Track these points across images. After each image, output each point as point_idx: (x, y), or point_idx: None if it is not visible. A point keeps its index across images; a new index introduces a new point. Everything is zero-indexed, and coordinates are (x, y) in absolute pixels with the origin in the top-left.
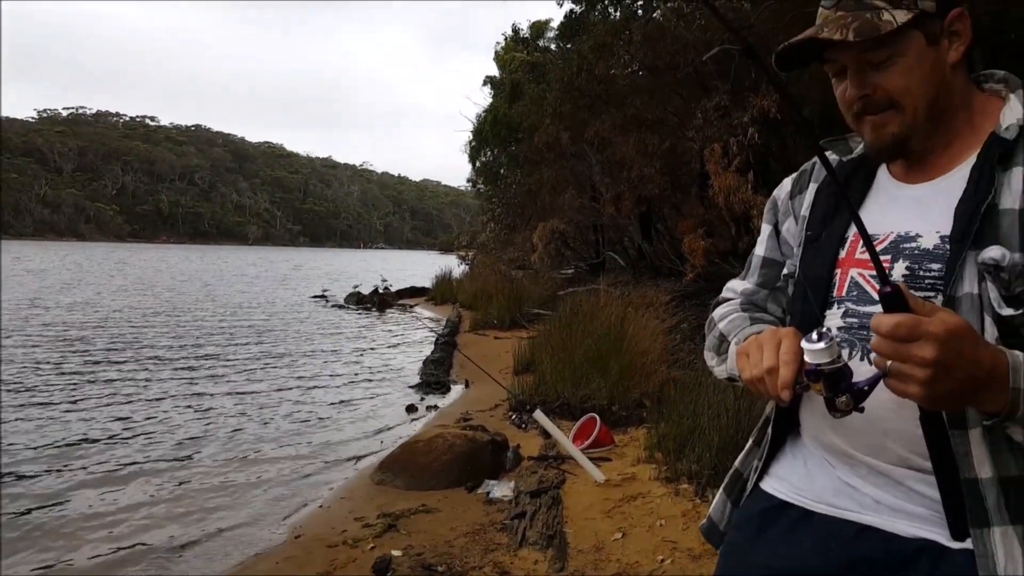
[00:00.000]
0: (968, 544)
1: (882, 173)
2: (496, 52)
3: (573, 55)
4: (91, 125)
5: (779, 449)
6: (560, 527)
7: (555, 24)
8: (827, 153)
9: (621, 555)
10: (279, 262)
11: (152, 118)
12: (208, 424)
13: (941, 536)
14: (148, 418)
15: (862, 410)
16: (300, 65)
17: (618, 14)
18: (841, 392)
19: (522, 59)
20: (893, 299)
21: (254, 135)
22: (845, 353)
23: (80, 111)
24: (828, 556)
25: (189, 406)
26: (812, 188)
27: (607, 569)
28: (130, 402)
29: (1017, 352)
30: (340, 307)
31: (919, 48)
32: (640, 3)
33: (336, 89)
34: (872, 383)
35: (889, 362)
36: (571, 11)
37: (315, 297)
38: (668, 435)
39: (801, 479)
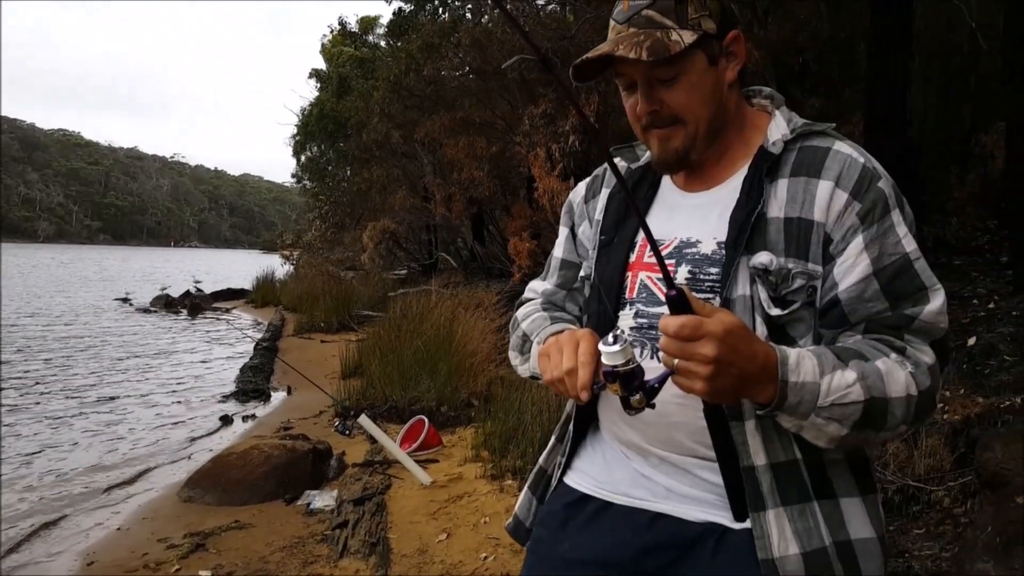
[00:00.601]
0: (749, 524)
1: (665, 180)
2: (323, 45)
3: (402, 54)
4: None
5: (580, 444)
6: (384, 533)
7: (385, 21)
8: (615, 160)
9: (445, 556)
10: (75, 262)
11: None
12: None
13: (725, 519)
14: None
15: (654, 406)
16: (105, 47)
17: (447, 16)
18: (635, 391)
19: (350, 54)
20: (678, 301)
21: (47, 121)
22: (637, 352)
23: None
24: (625, 544)
25: None
26: (605, 193)
27: (430, 571)
28: None
29: (784, 347)
30: (146, 312)
31: (701, 67)
32: (468, 6)
33: (145, 75)
34: (661, 380)
35: (676, 360)
36: (400, 9)
37: (117, 301)
38: (494, 433)
39: (600, 472)
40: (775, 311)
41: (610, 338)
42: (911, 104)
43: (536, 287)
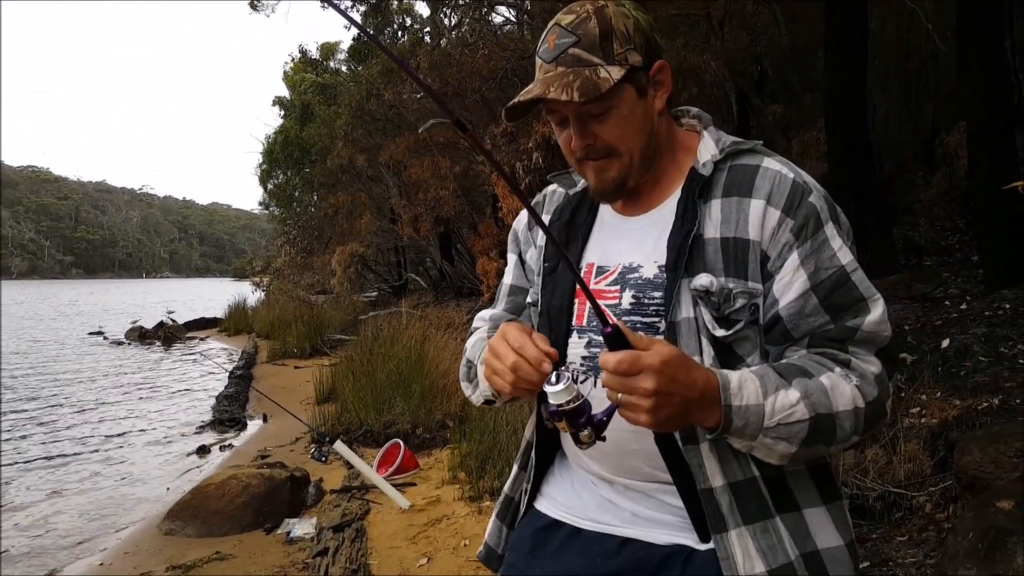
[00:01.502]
0: (713, 544)
1: (604, 205)
2: (285, 72)
3: (362, 79)
4: None
5: (548, 470)
6: (364, 559)
7: (345, 47)
8: (553, 187)
9: None
10: (49, 297)
11: None
12: None
13: (691, 540)
14: None
15: (604, 439)
16: (65, 78)
17: (406, 39)
18: (583, 426)
19: (312, 80)
20: (614, 338)
21: (14, 158)
22: (589, 383)
23: None
24: (595, 569)
25: None
26: (546, 220)
27: None
28: None
29: (726, 372)
30: (120, 344)
31: (631, 100)
32: (427, 30)
33: (111, 106)
34: (608, 414)
35: (619, 394)
36: (359, 34)
37: (92, 334)
38: (470, 454)
39: (569, 498)
40: (720, 331)
41: (553, 378)
42: (872, 107)
43: (484, 315)
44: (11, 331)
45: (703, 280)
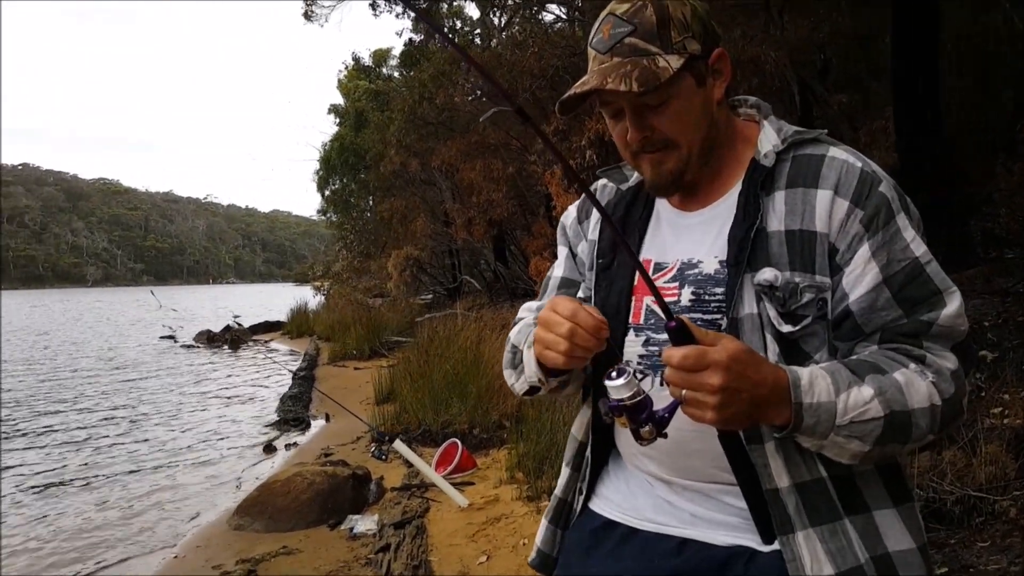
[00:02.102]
0: (777, 545)
1: (660, 201)
2: (339, 80)
3: (414, 83)
4: None
5: (603, 470)
6: (425, 556)
7: (396, 52)
8: (603, 181)
9: None
10: (124, 303)
11: None
12: (48, 483)
13: (753, 541)
14: None
15: (666, 436)
16: (133, 94)
17: (456, 42)
18: (644, 422)
19: (365, 87)
20: (679, 332)
21: (88, 172)
22: (647, 381)
23: None
24: (653, 569)
25: (22, 471)
26: (596, 217)
27: None
28: None
29: (795, 368)
30: (190, 347)
31: (690, 90)
32: (477, 31)
33: (176, 120)
34: (671, 410)
35: (683, 390)
36: (410, 39)
37: (163, 338)
38: (528, 454)
39: (624, 498)
40: (786, 327)
41: (614, 373)
42: (946, 91)
43: (531, 306)
44: (96, 335)
45: (767, 275)
